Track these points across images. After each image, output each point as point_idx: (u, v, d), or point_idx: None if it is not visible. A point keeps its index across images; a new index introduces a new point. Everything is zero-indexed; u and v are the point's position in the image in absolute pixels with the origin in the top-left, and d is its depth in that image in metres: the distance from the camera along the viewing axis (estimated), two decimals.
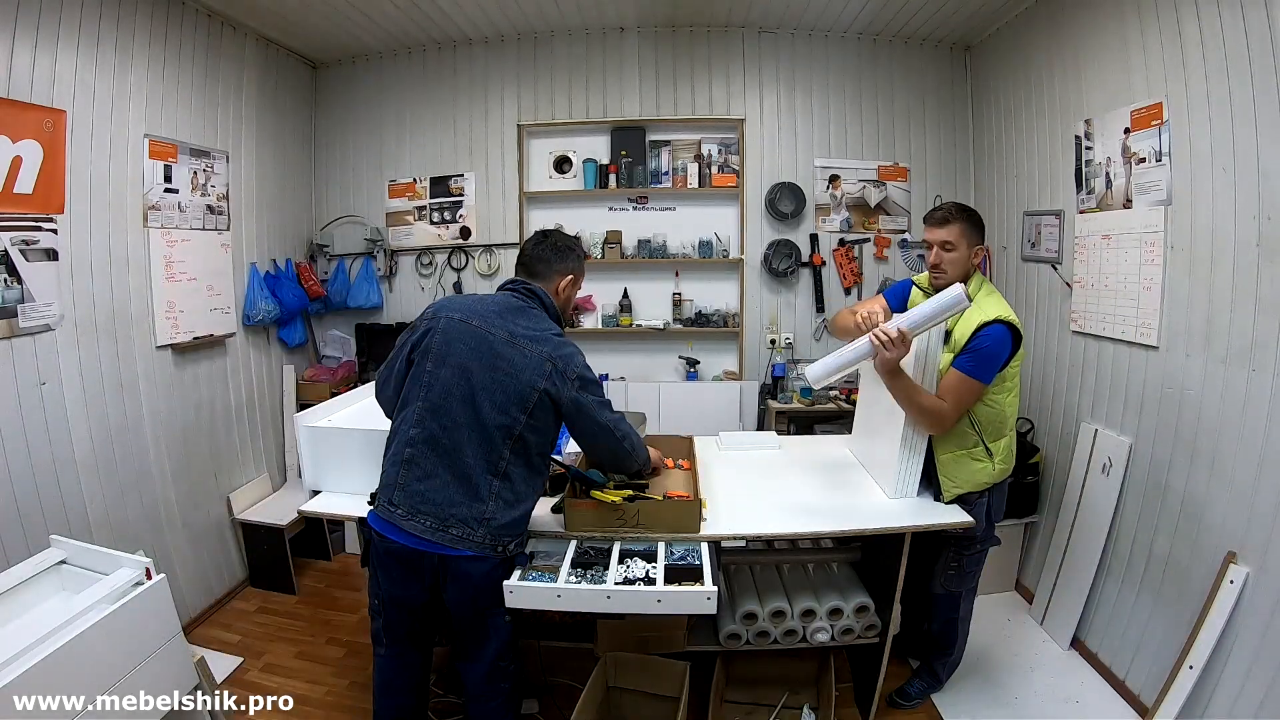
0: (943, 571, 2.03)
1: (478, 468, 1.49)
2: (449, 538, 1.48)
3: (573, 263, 1.70)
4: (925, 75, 3.47)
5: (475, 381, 1.50)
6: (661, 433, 3.19)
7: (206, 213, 2.82)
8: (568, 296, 1.71)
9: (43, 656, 1.28)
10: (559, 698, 2.09)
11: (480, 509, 1.49)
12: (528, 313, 1.59)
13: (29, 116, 2.06)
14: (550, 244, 1.69)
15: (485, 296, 1.64)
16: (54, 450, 2.16)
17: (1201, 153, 1.94)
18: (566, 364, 1.53)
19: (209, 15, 2.82)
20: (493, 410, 1.49)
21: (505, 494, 1.51)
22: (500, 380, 1.50)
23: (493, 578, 1.53)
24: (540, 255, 1.67)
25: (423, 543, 1.49)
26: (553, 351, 1.53)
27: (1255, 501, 1.76)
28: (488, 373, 1.50)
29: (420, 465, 1.51)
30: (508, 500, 1.52)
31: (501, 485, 1.51)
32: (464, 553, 1.49)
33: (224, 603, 2.88)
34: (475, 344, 1.52)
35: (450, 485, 1.49)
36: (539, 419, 1.53)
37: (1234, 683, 1.76)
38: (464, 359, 1.52)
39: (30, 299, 2.07)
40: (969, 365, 1.75)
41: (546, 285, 1.66)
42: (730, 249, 3.54)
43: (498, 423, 1.50)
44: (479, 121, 3.58)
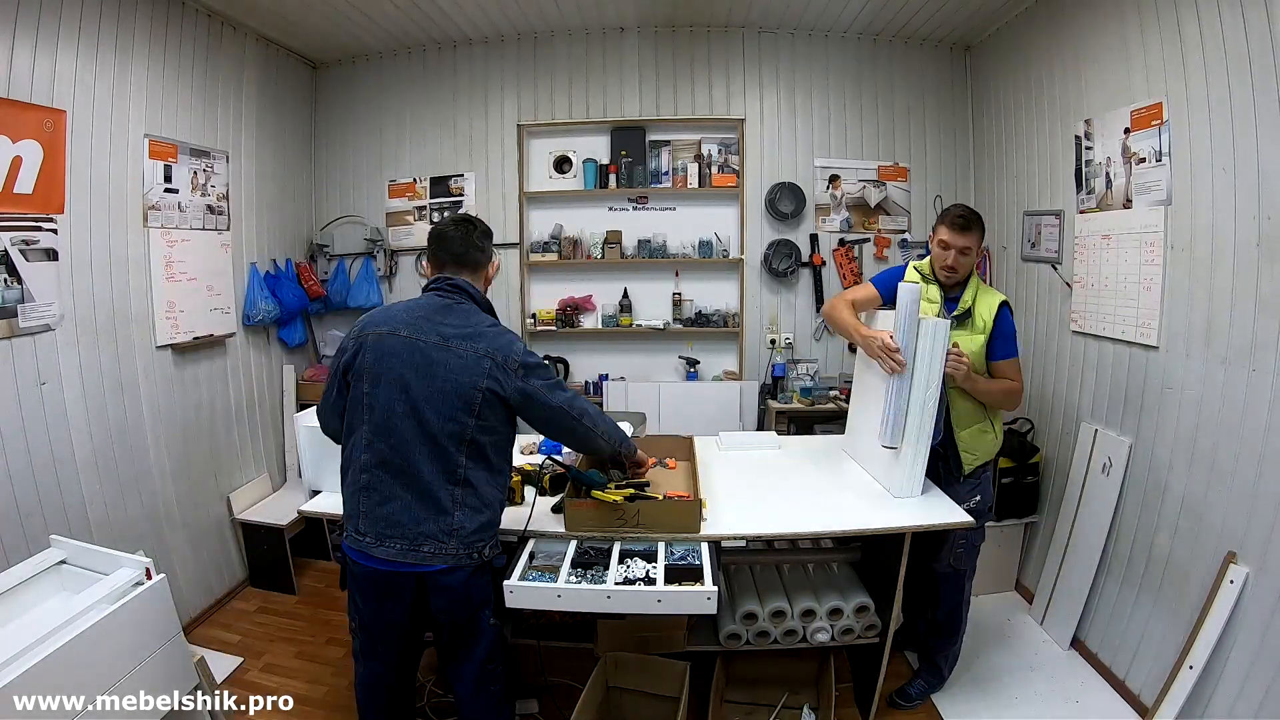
0: (951, 550, 2.06)
1: (436, 481, 1.45)
2: (422, 555, 1.45)
3: (492, 246, 1.67)
4: (925, 75, 3.47)
5: (415, 394, 1.45)
6: (661, 433, 3.19)
7: (206, 213, 2.82)
8: (490, 281, 1.68)
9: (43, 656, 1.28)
10: (559, 698, 2.09)
11: (447, 521, 1.46)
12: (456, 310, 1.53)
13: (29, 116, 2.06)
14: (480, 231, 1.63)
15: (410, 303, 1.57)
16: (54, 450, 2.16)
17: (1201, 153, 1.94)
18: (506, 355, 1.48)
19: (209, 15, 2.82)
20: (438, 419, 1.44)
21: (470, 500, 1.48)
22: (440, 387, 1.45)
23: (473, 584, 1.52)
24: (474, 243, 1.60)
25: (397, 565, 1.46)
26: (488, 346, 1.48)
27: (1255, 501, 1.76)
28: (425, 382, 1.45)
29: (379, 490, 1.47)
30: (473, 506, 1.48)
31: (464, 493, 1.47)
32: (439, 567, 1.46)
33: (224, 603, 2.88)
34: (407, 355, 1.47)
35: (413, 504, 1.45)
36: (488, 419, 1.48)
37: (1234, 683, 1.76)
38: (399, 373, 1.46)
39: (30, 299, 2.07)
40: (1014, 347, 2.01)
41: (476, 274, 1.61)
42: (730, 249, 3.54)
43: (447, 431, 1.45)
44: (479, 121, 3.58)
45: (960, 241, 1.96)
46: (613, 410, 3.40)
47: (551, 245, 3.57)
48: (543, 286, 3.69)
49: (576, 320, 3.64)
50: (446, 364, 1.46)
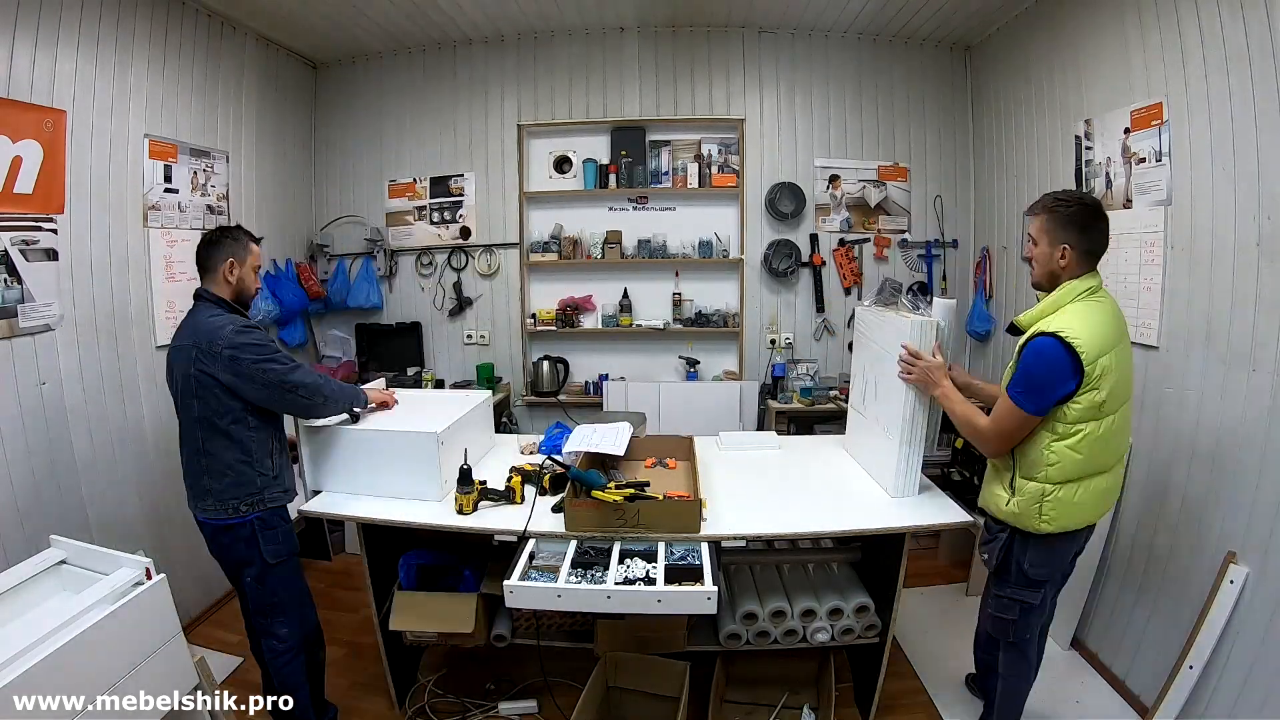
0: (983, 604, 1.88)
1: (191, 455, 1.76)
2: (201, 509, 1.77)
3: (226, 249, 1.79)
4: (925, 75, 3.47)
5: (172, 391, 1.77)
6: (661, 433, 3.19)
7: (206, 213, 2.82)
8: (239, 277, 1.81)
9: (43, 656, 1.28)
10: (559, 698, 2.09)
11: (202, 484, 1.74)
12: (193, 314, 1.77)
13: (29, 116, 2.05)
14: (205, 239, 1.82)
15: None
16: (54, 450, 2.16)
17: (1201, 153, 1.94)
18: (210, 341, 1.67)
19: (209, 15, 2.82)
20: (181, 406, 1.75)
21: (213, 466, 1.73)
22: (177, 381, 1.74)
23: (224, 540, 1.78)
24: (199, 258, 1.81)
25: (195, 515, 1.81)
26: (195, 338, 1.69)
27: (1255, 501, 1.76)
28: (173, 379, 1.76)
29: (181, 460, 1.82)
30: (216, 470, 1.73)
31: (208, 460, 1.73)
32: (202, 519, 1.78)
33: (224, 603, 2.87)
34: (171, 360, 1.77)
35: (187, 473, 1.78)
36: (206, 398, 1.70)
37: (1234, 683, 1.76)
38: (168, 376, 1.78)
39: (30, 299, 2.07)
40: (1013, 389, 1.55)
41: (214, 276, 1.79)
42: (730, 249, 3.54)
43: (189, 415, 1.74)
44: (479, 121, 3.58)
45: (1029, 228, 1.66)
46: (613, 410, 3.40)
47: (551, 245, 3.57)
48: (543, 286, 3.69)
49: (576, 320, 3.64)
50: (174, 361, 1.74)
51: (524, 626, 2.06)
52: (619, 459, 2.22)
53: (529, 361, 3.69)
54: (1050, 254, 1.59)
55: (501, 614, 2.07)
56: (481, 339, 3.73)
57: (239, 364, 1.68)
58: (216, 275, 1.79)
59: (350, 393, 1.98)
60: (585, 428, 2.30)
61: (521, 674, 2.28)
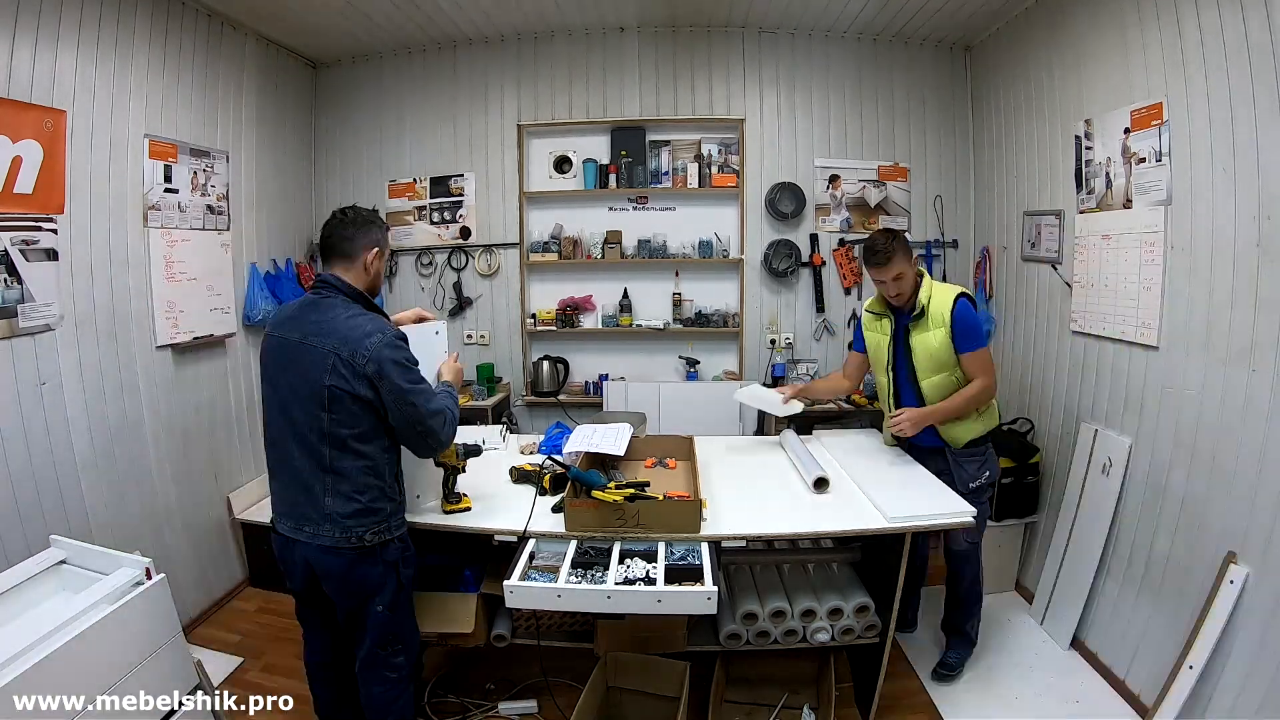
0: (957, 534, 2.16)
1: (306, 469, 1.53)
2: (305, 534, 1.55)
3: (376, 233, 1.64)
4: (925, 75, 3.47)
5: (281, 390, 1.55)
6: (661, 433, 3.19)
7: (206, 212, 2.82)
8: (376, 270, 1.65)
9: (43, 656, 1.28)
10: (559, 698, 2.09)
11: (320, 507, 1.53)
12: (319, 305, 1.57)
13: (29, 116, 2.05)
14: (350, 219, 1.62)
15: (295, 301, 1.67)
16: (54, 450, 2.16)
17: (1201, 153, 1.94)
18: (354, 352, 1.48)
19: (209, 15, 2.82)
20: (300, 413, 1.52)
21: (340, 486, 1.52)
22: (297, 384, 1.52)
23: (357, 570, 1.56)
24: (344, 234, 1.60)
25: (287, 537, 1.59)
26: (337, 342, 1.49)
27: (1255, 501, 1.76)
28: (289, 378, 1.54)
29: (275, 474, 1.62)
30: (344, 493, 1.53)
31: (333, 479, 1.52)
32: (319, 545, 1.54)
33: (224, 603, 2.87)
34: (278, 354, 1.57)
35: (293, 488, 1.56)
36: (339, 413, 1.50)
37: (1234, 683, 1.76)
38: (272, 372, 1.58)
39: (30, 299, 2.07)
40: (975, 340, 2.08)
41: (352, 263, 1.61)
42: (730, 249, 3.54)
43: (307, 424, 1.52)
44: (479, 121, 3.58)
45: (885, 275, 2.09)
46: (613, 410, 3.40)
47: (551, 245, 3.57)
48: (542, 286, 3.69)
49: (576, 320, 3.64)
50: (300, 361, 1.52)
51: (524, 626, 2.06)
52: (619, 459, 2.22)
53: (529, 361, 3.69)
54: (912, 273, 2.12)
55: (501, 614, 2.07)
56: (481, 339, 3.73)
57: (383, 383, 1.49)
58: (357, 262, 1.60)
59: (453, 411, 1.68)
60: (585, 428, 2.31)
61: (521, 674, 2.28)
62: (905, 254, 2.08)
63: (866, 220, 3.52)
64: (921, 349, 2.11)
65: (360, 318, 1.54)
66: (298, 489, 1.55)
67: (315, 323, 1.53)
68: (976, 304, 2.15)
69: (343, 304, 1.57)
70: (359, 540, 1.53)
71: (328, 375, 1.48)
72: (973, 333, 2.08)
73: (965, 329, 2.07)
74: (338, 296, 1.58)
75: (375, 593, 1.59)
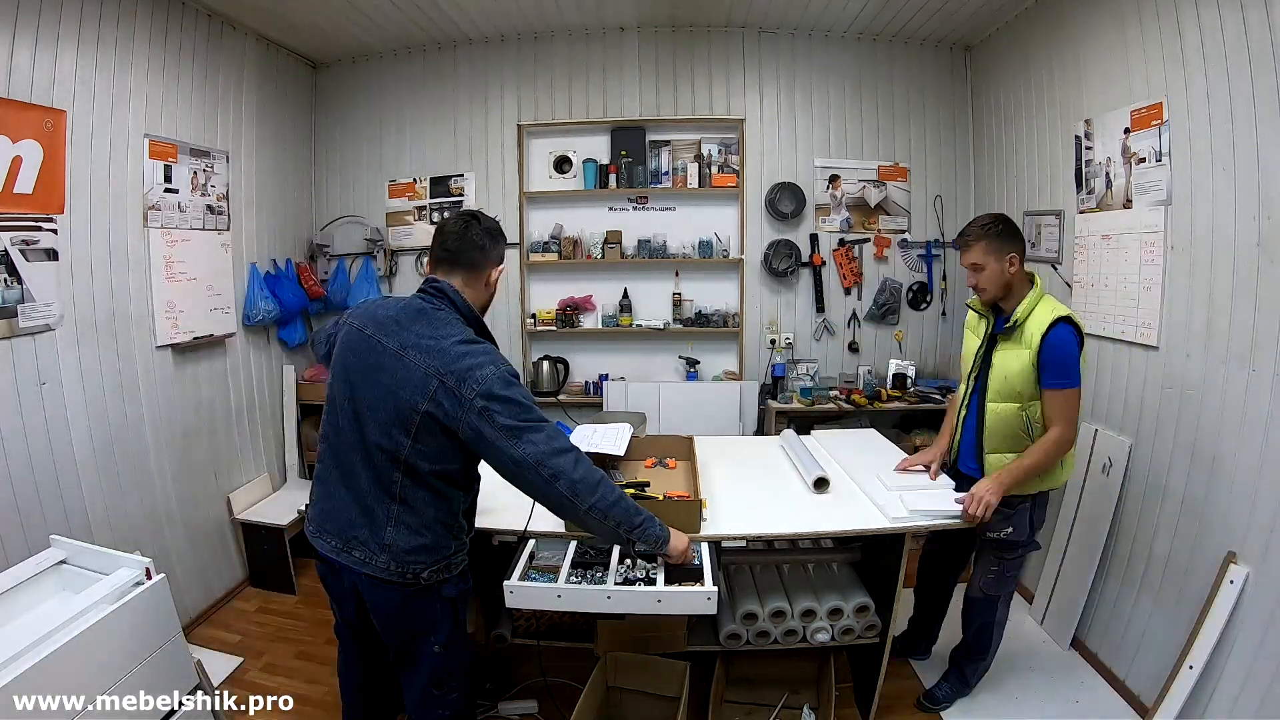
0: (982, 575, 2.03)
1: (372, 491, 1.36)
2: (353, 559, 1.38)
3: (503, 248, 1.52)
4: (925, 75, 3.47)
5: (359, 397, 1.37)
6: (661, 433, 3.19)
7: (206, 213, 2.82)
8: (494, 291, 1.52)
9: (43, 656, 1.28)
10: (559, 698, 2.09)
11: (379, 534, 1.35)
12: (430, 317, 1.38)
13: (29, 116, 2.05)
14: (484, 228, 1.46)
15: (395, 300, 1.47)
16: (54, 450, 2.16)
17: (1201, 153, 1.94)
18: (461, 381, 1.29)
19: (209, 15, 2.82)
20: (376, 430, 1.34)
21: (406, 518, 1.36)
22: (382, 398, 1.34)
23: (412, 607, 1.41)
24: (475, 241, 1.44)
25: (332, 559, 1.42)
26: (443, 366, 1.30)
27: (1255, 501, 1.76)
28: (371, 388, 1.35)
29: (326, 483, 1.44)
30: (410, 526, 1.36)
31: (400, 509, 1.35)
32: (370, 576, 1.37)
33: (224, 603, 2.87)
34: (364, 355, 1.38)
35: (349, 506, 1.38)
36: (426, 443, 1.33)
37: (1234, 683, 1.76)
38: (351, 372, 1.39)
39: (30, 299, 2.07)
40: (1062, 376, 1.76)
41: (475, 278, 1.46)
42: (730, 249, 3.54)
43: (381, 444, 1.34)
44: (479, 121, 3.58)
45: (966, 260, 1.88)
46: (613, 410, 3.39)
47: (551, 245, 3.57)
48: (543, 286, 3.69)
49: (576, 320, 3.64)
50: (394, 374, 1.34)
51: (524, 626, 2.06)
52: (619, 459, 2.22)
53: (529, 361, 3.69)
54: (1000, 269, 1.83)
55: (501, 614, 2.07)
56: None
57: (483, 425, 1.30)
58: (481, 278, 1.46)
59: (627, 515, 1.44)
60: (585, 428, 2.31)
61: (521, 674, 2.28)
62: (999, 245, 1.81)
63: (866, 220, 3.52)
64: (999, 368, 1.85)
65: (471, 346, 1.35)
66: (356, 509, 1.37)
67: (421, 335, 1.35)
68: (1083, 334, 1.79)
69: (458, 324, 1.39)
70: (414, 577, 1.37)
71: (425, 400, 1.30)
72: (1064, 367, 1.75)
73: (1056, 360, 1.75)
74: (452, 312, 1.40)
75: (430, 631, 1.44)
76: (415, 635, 1.45)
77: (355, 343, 1.41)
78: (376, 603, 1.42)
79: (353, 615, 1.52)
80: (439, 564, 1.41)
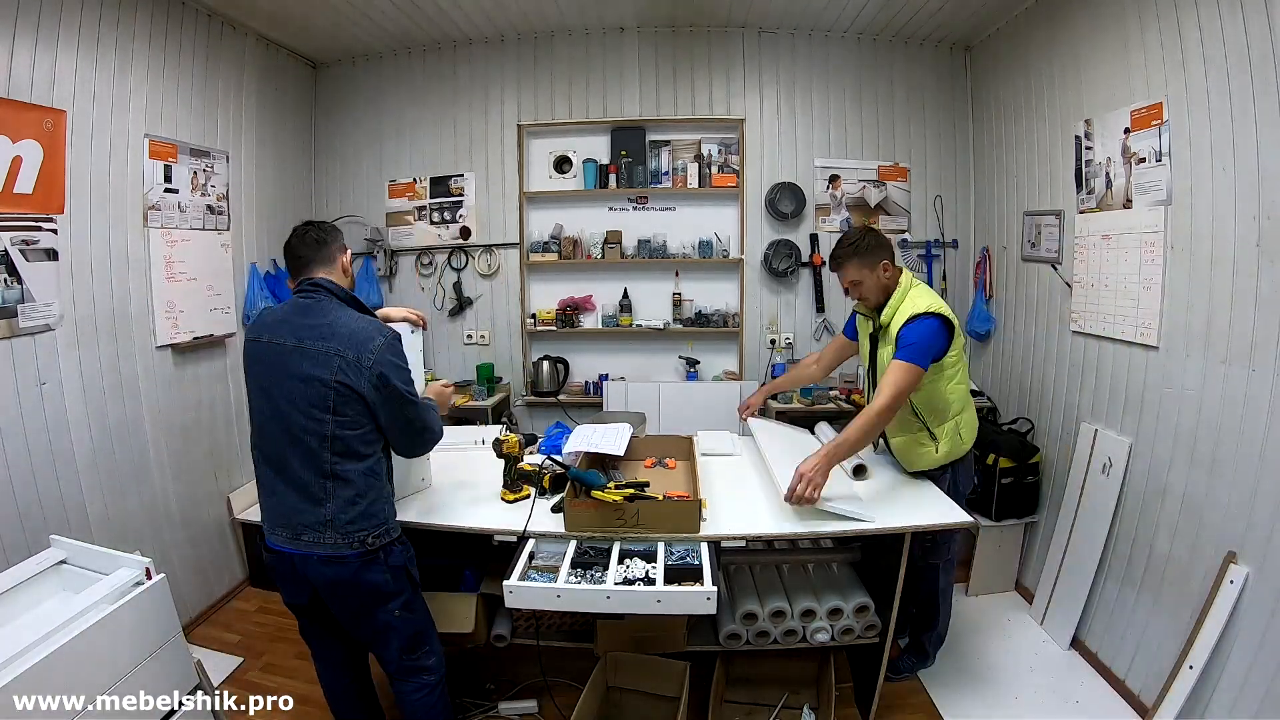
0: (918, 544, 2.06)
1: (306, 475, 1.50)
2: (302, 544, 1.51)
3: (342, 238, 1.67)
4: (925, 75, 3.47)
5: (276, 397, 1.51)
6: (661, 433, 3.19)
7: (206, 213, 2.82)
8: (351, 273, 1.68)
9: (43, 656, 1.28)
10: (559, 698, 2.09)
11: (320, 513, 1.49)
12: (314, 308, 1.54)
13: (29, 116, 2.05)
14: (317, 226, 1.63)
15: (281, 306, 1.61)
16: (54, 450, 2.16)
17: (1201, 153, 1.94)
18: (359, 354, 1.47)
19: (209, 15, 2.82)
20: (301, 418, 1.48)
21: (341, 491, 1.50)
22: (297, 389, 1.48)
23: (361, 576, 1.53)
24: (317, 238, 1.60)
25: (285, 549, 1.54)
26: (340, 345, 1.48)
27: (1255, 501, 1.76)
28: (284, 385, 1.50)
29: (265, 484, 1.57)
30: (345, 498, 1.50)
31: (334, 484, 1.50)
32: (319, 554, 1.50)
33: (224, 603, 2.87)
34: (270, 361, 1.52)
35: (289, 496, 1.52)
36: (346, 414, 1.49)
37: (1234, 683, 1.76)
38: (262, 379, 1.54)
39: (30, 299, 2.07)
40: (908, 355, 1.87)
41: (332, 268, 1.61)
42: (730, 249, 3.54)
43: (309, 429, 1.48)
44: (479, 121, 3.58)
45: (844, 280, 2.05)
46: (613, 410, 3.40)
47: (551, 245, 3.57)
48: (543, 286, 3.69)
49: (576, 320, 3.64)
50: (299, 364, 1.48)
51: (524, 626, 2.06)
52: (619, 459, 2.22)
53: (529, 361, 3.69)
54: (875, 278, 1.99)
55: (501, 614, 2.07)
56: (481, 339, 3.73)
57: (386, 385, 1.49)
58: (335, 266, 1.61)
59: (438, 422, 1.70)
60: (585, 428, 2.31)
61: (521, 674, 2.28)
62: (869, 258, 1.97)
63: (866, 220, 3.52)
64: (881, 363, 2.01)
65: (360, 320, 1.53)
66: (297, 497, 1.51)
67: (313, 327, 1.51)
68: (955, 324, 1.93)
69: (338, 306, 1.55)
70: (361, 544, 1.51)
71: (334, 375, 1.46)
72: (908, 343, 1.87)
73: (904, 339, 1.88)
74: (331, 300, 1.56)
75: (385, 599, 1.57)
76: (373, 605, 1.57)
77: (258, 352, 1.56)
78: (332, 579, 1.53)
79: (305, 599, 1.62)
80: (379, 529, 1.54)
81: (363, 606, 1.57)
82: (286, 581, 1.61)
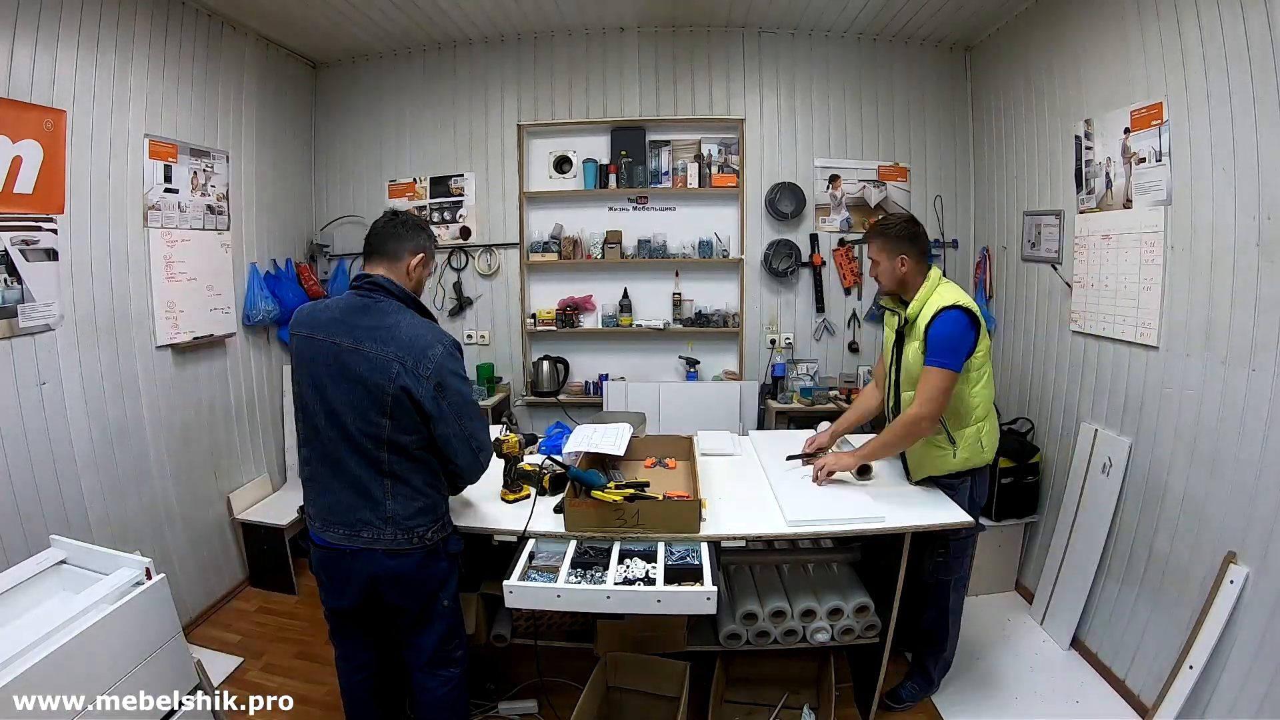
0: (930, 559, 2.02)
1: (364, 474, 1.49)
2: (363, 540, 1.51)
3: (423, 240, 1.60)
4: (925, 75, 3.47)
5: (331, 397, 1.48)
6: (661, 433, 3.19)
7: (206, 213, 2.82)
8: (419, 278, 1.61)
9: (43, 656, 1.28)
10: (559, 698, 2.09)
11: (381, 510, 1.50)
12: (373, 309, 1.50)
13: (29, 116, 2.05)
14: (401, 221, 1.59)
15: (333, 302, 1.56)
16: (54, 450, 2.16)
17: (1201, 153, 1.94)
18: (418, 361, 1.44)
19: (209, 15, 2.82)
20: (355, 420, 1.46)
21: (400, 489, 1.50)
22: (353, 390, 1.46)
23: (424, 568, 1.56)
24: (392, 232, 1.56)
25: (343, 546, 1.53)
26: (399, 350, 1.44)
27: (1255, 501, 1.76)
28: (339, 386, 1.47)
29: (318, 482, 1.55)
30: (405, 495, 1.51)
31: (393, 483, 1.50)
32: (384, 547, 1.51)
33: (224, 603, 2.87)
34: (324, 359, 1.48)
35: (346, 494, 1.51)
36: (402, 419, 1.47)
37: (1234, 683, 1.76)
38: (317, 377, 1.49)
39: (30, 299, 2.07)
40: (939, 358, 1.82)
41: (395, 267, 1.56)
42: (730, 249, 3.54)
43: (364, 431, 1.47)
44: (479, 121, 3.58)
45: (868, 253, 2.03)
46: (613, 410, 3.40)
47: (551, 245, 3.57)
48: (542, 286, 3.69)
49: (576, 320, 3.64)
50: (357, 367, 1.45)
51: (524, 626, 2.06)
52: (619, 459, 2.22)
53: (529, 361, 3.69)
54: (891, 267, 1.94)
55: (501, 614, 2.07)
56: (481, 339, 3.73)
57: (444, 395, 1.47)
58: (399, 266, 1.55)
59: None
60: (585, 428, 2.31)
61: (521, 674, 2.28)
62: (891, 246, 1.93)
63: (867, 220, 3.51)
64: (906, 360, 1.96)
65: (421, 325, 1.50)
66: (353, 494, 1.50)
67: (372, 329, 1.47)
68: (982, 322, 1.86)
69: (397, 309, 1.51)
70: (420, 540, 1.53)
71: (393, 381, 1.43)
72: (940, 346, 1.81)
73: (934, 338, 1.82)
74: (390, 301, 1.52)
75: (440, 588, 1.61)
76: (430, 594, 1.60)
77: (310, 349, 1.51)
78: (395, 573, 1.54)
79: (355, 602, 1.60)
80: (437, 522, 1.57)
81: (420, 596, 1.60)
82: (335, 579, 1.59)
